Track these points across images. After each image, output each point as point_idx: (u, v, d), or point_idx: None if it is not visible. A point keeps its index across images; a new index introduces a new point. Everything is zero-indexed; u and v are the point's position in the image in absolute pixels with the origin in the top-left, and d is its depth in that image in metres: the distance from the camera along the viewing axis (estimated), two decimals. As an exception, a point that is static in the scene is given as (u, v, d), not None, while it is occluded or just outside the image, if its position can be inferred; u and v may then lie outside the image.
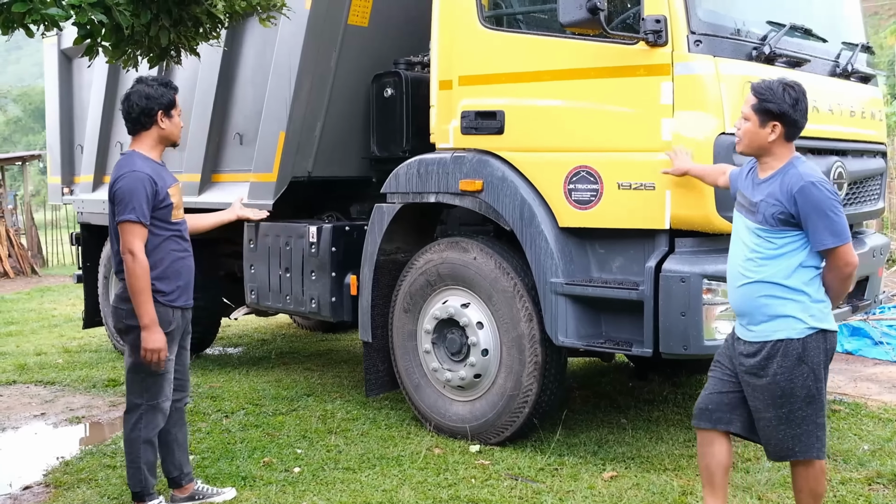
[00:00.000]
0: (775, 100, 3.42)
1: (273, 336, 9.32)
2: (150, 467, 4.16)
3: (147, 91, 4.10)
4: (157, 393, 4.10)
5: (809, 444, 3.45)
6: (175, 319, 4.11)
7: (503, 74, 5.07)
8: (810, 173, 3.40)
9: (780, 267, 3.42)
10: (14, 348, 8.98)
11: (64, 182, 8.87)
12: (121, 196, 3.94)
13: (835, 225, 3.33)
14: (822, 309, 3.44)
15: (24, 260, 16.53)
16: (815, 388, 3.42)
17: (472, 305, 5.27)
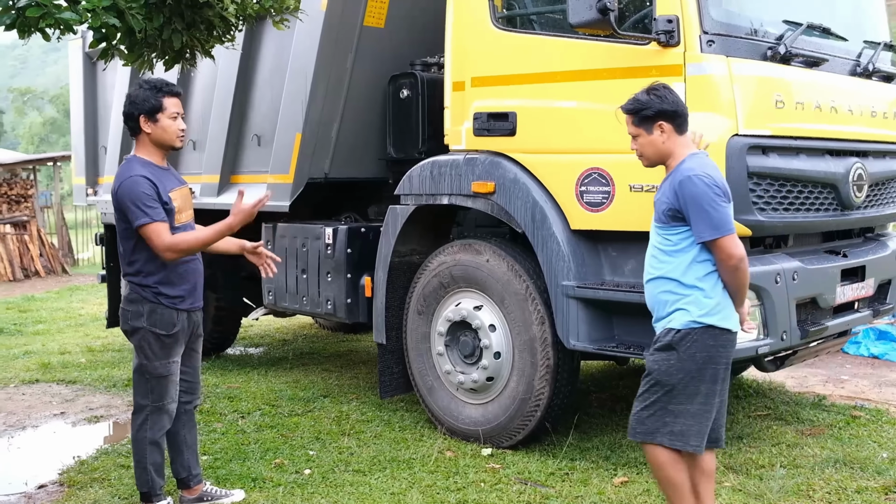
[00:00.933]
0: (644, 104, 3.53)
1: (294, 336, 9.36)
2: (157, 468, 4.17)
3: (133, 95, 4.10)
4: (162, 395, 4.11)
5: (654, 428, 3.49)
6: (180, 321, 4.11)
7: (515, 76, 5.03)
8: (692, 167, 3.43)
9: (676, 263, 3.48)
10: (40, 347, 9.09)
11: (88, 183, 8.96)
12: (126, 204, 3.93)
13: (712, 218, 3.35)
14: (714, 305, 3.44)
15: (55, 259, 16.75)
16: (679, 379, 3.43)
17: (485, 308, 5.24)
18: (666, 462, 3.53)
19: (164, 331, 4.04)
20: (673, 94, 3.56)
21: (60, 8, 4.32)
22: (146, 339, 4.04)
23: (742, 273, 3.43)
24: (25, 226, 16.41)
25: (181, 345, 4.16)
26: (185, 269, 4.13)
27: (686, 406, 3.46)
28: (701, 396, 3.46)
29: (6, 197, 16.67)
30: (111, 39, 4.85)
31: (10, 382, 7.41)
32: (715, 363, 3.46)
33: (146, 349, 4.05)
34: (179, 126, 4.12)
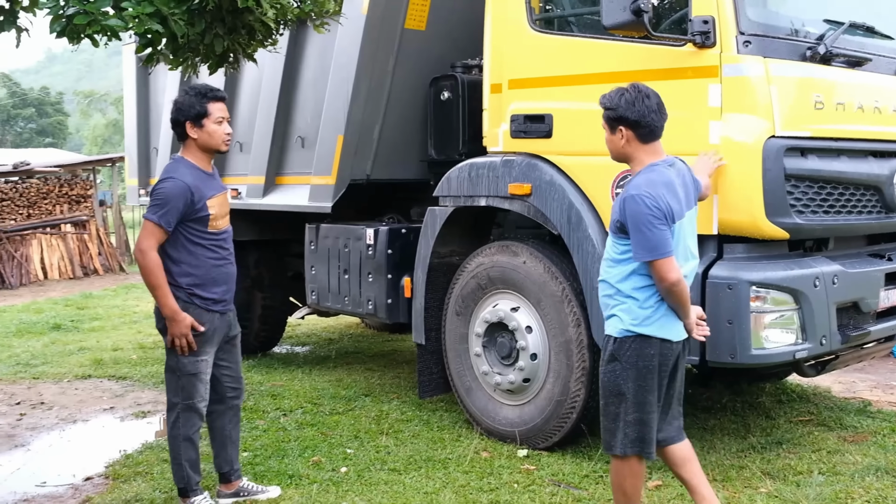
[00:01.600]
0: (612, 105, 3.54)
1: (340, 336, 9.46)
2: (192, 464, 4.27)
3: (179, 102, 4.23)
4: (191, 393, 4.19)
5: (613, 439, 3.57)
6: (212, 322, 4.20)
7: (551, 78, 5.04)
8: (639, 184, 3.44)
9: (618, 271, 3.55)
10: (94, 343, 9.34)
11: (140, 184, 9.17)
12: (158, 197, 4.04)
13: (646, 240, 3.37)
14: (649, 316, 3.48)
15: (113, 258, 17.16)
16: (627, 388, 3.50)
17: (522, 309, 5.25)
18: (628, 474, 3.61)
19: (195, 330, 4.12)
20: (644, 102, 3.51)
21: (107, 15, 4.46)
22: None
23: (676, 294, 3.45)
24: (85, 225, 16.85)
25: (213, 345, 4.25)
26: (219, 272, 4.22)
27: (639, 414, 3.53)
28: (648, 405, 3.53)
29: (67, 197, 17.11)
30: (156, 45, 4.98)
31: (65, 377, 7.63)
32: (654, 372, 3.51)
33: (177, 347, 4.14)
34: (225, 130, 4.22)
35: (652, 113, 3.51)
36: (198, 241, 4.11)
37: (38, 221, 16.34)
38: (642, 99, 3.50)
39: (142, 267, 4.02)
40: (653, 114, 3.52)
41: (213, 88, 4.34)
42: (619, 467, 3.64)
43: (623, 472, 3.63)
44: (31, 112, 55.71)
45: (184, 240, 4.09)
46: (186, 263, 4.09)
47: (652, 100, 3.53)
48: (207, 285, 4.15)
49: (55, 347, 9.17)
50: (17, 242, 15.91)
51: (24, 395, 7.04)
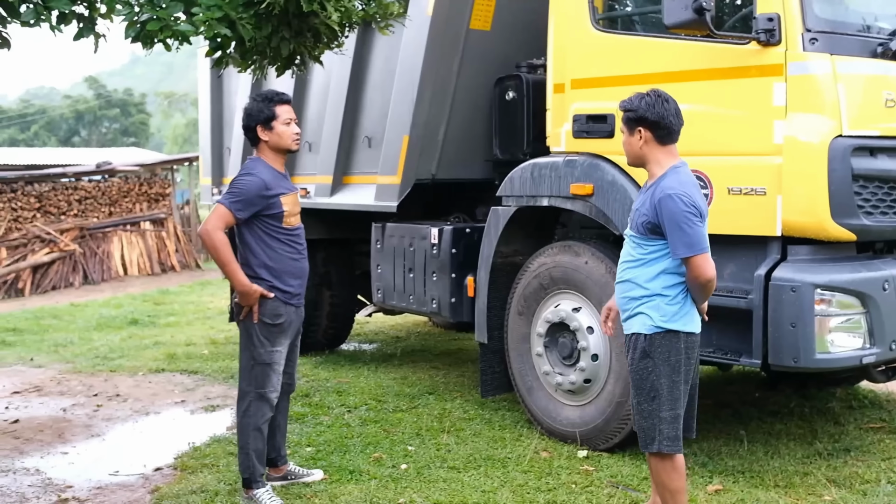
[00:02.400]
0: (633, 107, 3.63)
1: (407, 334, 9.55)
2: (259, 455, 4.40)
3: (248, 108, 4.46)
4: (263, 383, 4.34)
5: (652, 437, 3.60)
6: (287, 314, 4.36)
7: (614, 77, 5.01)
8: (672, 185, 3.50)
9: (644, 271, 3.60)
10: (169, 338, 9.62)
11: (214, 183, 9.39)
12: (235, 187, 4.27)
13: (687, 237, 3.44)
14: (676, 311, 3.56)
15: (190, 255, 17.61)
16: (661, 384, 3.56)
17: (583, 310, 5.24)
18: (671, 471, 3.64)
19: (271, 320, 4.30)
20: (664, 105, 3.58)
21: (178, 21, 4.61)
22: (254, 326, 4.31)
23: (708, 290, 3.57)
24: (163, 223, 17.33)
25: (287, 337, 4.41)
26: (294, 266, 4.39)
27: (675, 411, 3.59)
28: (681, 400, 3.61)
29: (146, 195, 17.63)
30: (225, 48, 5.13)
31: (139, 371, 7.88)
32: (683, 366, 3.59)
33: (253, 336, 4.31)
34: (293, 130, 4.44)
35: (671, 116, 3.59)
36: (274, 236, 4.31)
37: (118, 219, 16.87)
38: (662, 102, 3.59)
39: (209, 246, 4.20)
40: (671, 116, 3.59)
41: (279, 93, 4.53)
42: (661, 465, 3.66)
43: (667, 470, 3.65)
44: (115, 112, 57.47)
45: (261, 233, 4.29)
46: (266, 256, 4.28)
47: (671, 104, 3.61)
48: (284, 278, 4.33)
49: (132, 342, 9.48)
50: (99, 239, 16.46)
51: (102, 387, 7.30)
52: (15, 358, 8.78)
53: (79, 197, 16.84)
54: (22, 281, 15.21)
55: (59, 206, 16.60)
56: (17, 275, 15.22)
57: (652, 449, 3.63)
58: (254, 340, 4.31)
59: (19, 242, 15.67)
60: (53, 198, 16.57)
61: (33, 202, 16.32)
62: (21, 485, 4.93)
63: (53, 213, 16.50)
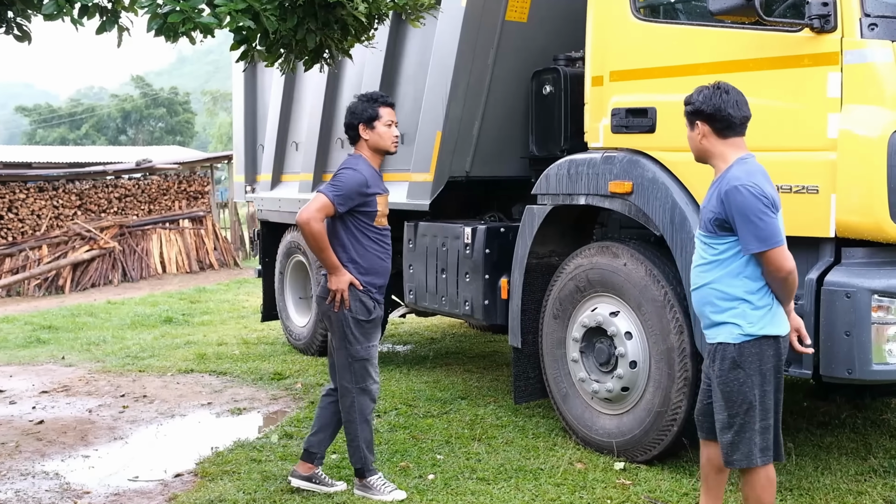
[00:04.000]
0: (690, 101, 3.50)
1: (442, 335, 9.33)
2: (368, 444, 4.50)
3: (352, 107, 4.55)
4: (364, 377, 4.43)
5: (748, 451, 3.40)
6: (376, 310, 4.47)
7: (655, 69, 4.75)
8: (739, 175, 3.33)
9: (720, 273, 3.41)
10: (201, 338, 9.51)
11: (247, 180, 9.27)
12: (339, 180, 4.38)
13: (759, 230, 3.26)
14: (764, 315, 3.37)
15: (228, 253, 17.59)
16: (754, 395, 3.37)
17: (622, 314, 4.98)
18: (766, 485, 3.46)
19: (364, 317, 4.41)
20: (721, 97, 3.41)
21: (200, 13, 4.45)
22: (348, 325, 4.39)
23: (791, 284, 3.38)
24: (202, 220, 17.33)
25: (379, 332, 4.53)
26: (381, 265, 4.51)
27: (767, 421, 3.41)
28: (776, 405, 3.43)
29: (185, 193, 17.65)
30: (250, 41, 4.97)
31: (168, 371, 7.77)
32: (778, 371, 3.41)
33: (348, 335, 4.40)
34: (394, 133, 4.56)
35: (729, 107, 3.40)
36: (365, 233, 4.43)
37: (158, 217, 16.91)
38: (720, 94, 3.43)
39: (308, 233, 4.30)
40: (729, 108, 3.41)
41: (383, 94, 4.66)
42: (754, 480, 3.45)
43: (760, 484, 3.45)
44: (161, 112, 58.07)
45: (354, 229, 4.41)
46: (355, 252, 4.40)
47: (731, 95, 3.43)
48: (372, 274, 4.44)
49: (164, 341, 9.39)
50: (138, 237, 16.50)
51: (129, 388, 7.19)
52: (47, 356, 8.74)
53: (119, 195, 16.91)
54: (62, 278, 15.28)
55: (99, 203, 16.68)
56: (57, 272, 15.30)
57: (748, 464, 3.41)
58: (349, 338, 4.40)
59: (60, 240, 15.75)
60: (94, 195, 16.65)
61: (74, 200, 16.41)
62: (38, 489, 4.81)
63: (94, 210, 16.58)
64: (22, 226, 15.80)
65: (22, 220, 15.80)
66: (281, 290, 8.71)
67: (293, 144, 8.40)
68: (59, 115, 58.40)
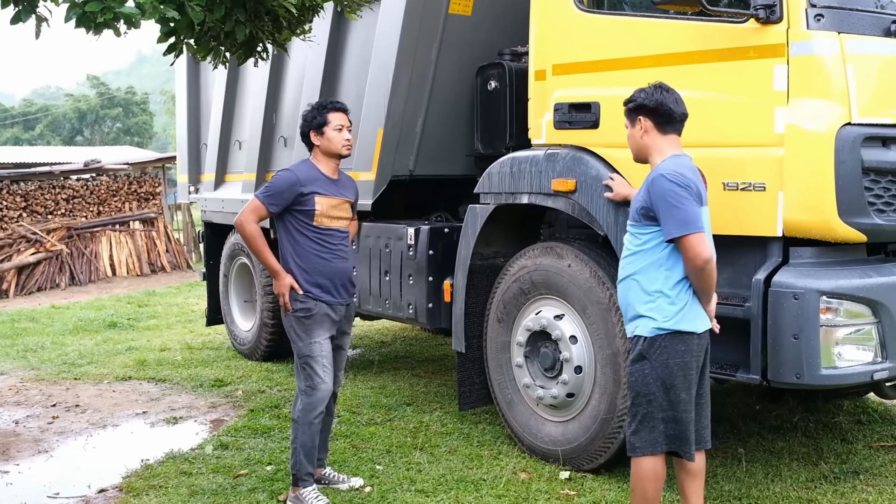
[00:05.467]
0: (632, 99, 3.59)
1: (393, 338, 9.10)
2: (307, 451, 4.37)
3: (304, 114, 4.61)
4: (310, 375, 4.36)
5: (639, 440, 3.47)
6: (318, 308, 4.39)
7: (599, 62, 4.57)
8: (667, 166, 3.41)
9: (643, 263, 3.45)
10: (144, 343, 9.19)
11: (191, 180, 8.97)
12: (270, 182, 4.48)
13: (679, 214, 3.30)
14: (679, 311, 3.40)
15: (180, 255, 17.19)
16: (657, 387, 3.41)
17: (566, 317, 4.80)
18: (655, 477, 3.51)
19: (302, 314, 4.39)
20: (662, 93, 3.52)
21: (120, 2, 4.19)
22: (291, 322, 4.42)
23: (708, 275, 3.37)
24: (153, 222, 16.92)
25: (324, 329, 4.41)
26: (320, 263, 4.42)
27: (671, 412, 3.44)
28: (682, 403, 3.43)
29: (136, 194, 17.21)
30: (179, 33, 4.71)
31: (105, 378, 7.46)
32: (688, 368, 3.43)
33: (291, 331, 4.44)
34: (344, 136, 4.57)
35: (670, 102, 3.52)
36: (303, 232, 4.42)
37: (107, 219, 16.45)
38: (661, 91, 3.54)
39: (244, 235, 4.41)
40: (670, 103, 3.52)
41: (334, 101, 4.71)
42: (640, 470, 3.52)
43: (646, 475, 3.51)
44: (118, 112, 57.14)
45: (293, 230, 4.42)
46: (293, 251, 4.41)
47: (671, 93, 3.54)
48: (310, 273, 4.39)
49: (105, 346, 9.05)
50: (87, 239, 16.04)
51: (62, 397, 6.88)
52: (-21, 364, 8.37)
53: (66, 196, 16.43)
54: (6, 282, 14.79)
55: (45, 205, 16.18)
56: (1, 276, 14.82)
57: (636, 453, 3.50)
58: (292, 336, 4.44)
59: (4, 243, 15.23)
60: (40, 197, 16.15)
61: (19, 201, 15.90)
62: (-53, 509, 4.52)
63: (40, 212, 16.09)
64: (-36, 228, 15.30)
65: (-36, 223, 15.30)
66: (225, 293, 8.43)
67: (236, 143, 8.14)
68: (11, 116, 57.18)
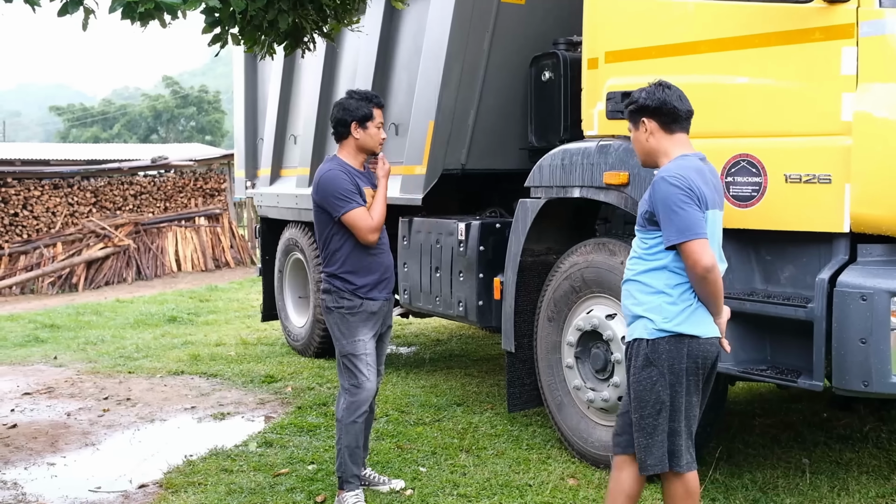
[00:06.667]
0: (633, 100, 3.36)
1: (449, 336, 8.95)
2: (351, 453, 4.22)
3: (345, 103, 4.35)
4: (352, 373, 4.22)
5: (660, 455, 3.19)
6: (366, 306, 4.25)
7: (653, 48, 4.33)
8: (670, 168, 3.19)
9: (646, 266, 3.24)
10: (201, 338, 9.22)
11: (248, 176, 8.95)
12: (327, 195, 4.18)
13: (679, 220, 3.08)
14: (681, 312, 3.15)
15: (245, 251, 17.34)
16: (667, 396, 3.16)
17: (619, 317, 4.57)
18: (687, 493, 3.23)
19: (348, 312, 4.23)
20: (664, 91, 3.30)
21: (162, -7, 4.12)
22: (334, 319, 4.26)
23: (710, 283, 3.12)
24: (218, 218, 17.10)
25: (368, 328, 4.27)
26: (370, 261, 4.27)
27: (675, 424, 3.18)
28: (686, 412, 3.20)
29: (201, 190, 17.43)
30: (223, 24, 4.63)
31: (158, 373, 7.47)
32: (693, 374, 3.18)
33: (335, 330, 4.28)
34: (382, 135, 4.43)
35: (673, 101, 3.29)
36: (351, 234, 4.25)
37: (173, 214, 16.69)
38: (662, 89, 3.32)
39: (380, 227, 4.27)
40: (674, 101, 3.29)
41: (376, 95, 4.50)
42: (675, 488, 3.24)
43: (680, 494, 3.23)
44: (192, 111, 58.27)
45: (337, 228, 4.22)
46: (340, 251, 4.23)
47: (673, 90, 3.32)
48: (359, 273, 4.24)
49: (163, 340, 9.11)
50: (153, 235, 16.30)
51: (114, 390, 6.90)
52: (40, 356, 8.49)
53: (134, 192, 16.73)
54: (76, 276, 15.12)
55: (114, 201, 16.50)
56: (71, 270, 15.14)
57: (661, 468, 3.20)
58: (335, 333, 4.29)
59: (75, 237, 15.59)
60: (109, 193, 16.47)
61: (89, 197, 16.24)
62: (-10, 500, 4.51)
63: (109, 208, 16.41)
64: (37, 223, 15.66)
65: (37, 218, 15.67)
66: (280, 288, 8.39)
67: (291, 137, 8.08)
68: (91, 115, 58.79)
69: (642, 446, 3.22)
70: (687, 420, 3.21)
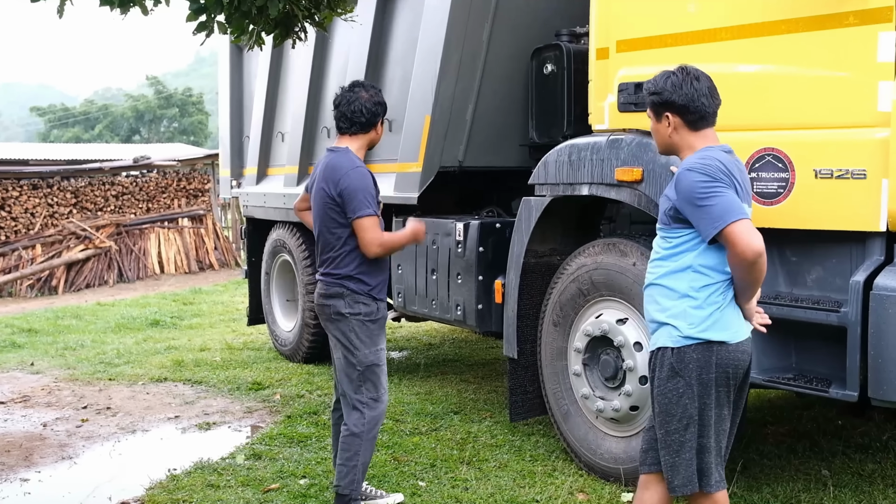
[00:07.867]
0: (657, 89, 3.07)
1: (442, 340, 8.68)
2: (365, 468, 4.03)
3: (379, 98, 4.17)
4: (375, 385, 3.99)
5: (689, 475, 2.94)
6: (381, 310, 4.05)
7: (669, 36, 4.07)
8: (694, 159, 2.92)
9: (669, 268, 2.99)
10: (185, 343, 8.90)
11: (233, 175, 8.66)
12: (356, 191, 3.91)
13: (714, 208, 2.81)
14: (708, 317, 2.91)
15: (229, 253, 17.01)
16: (695, 409, 2.92)
17: (630, 321, 4.32)
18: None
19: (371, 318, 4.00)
20: (693, 85, 2.98)
21: (146, -22, 3.86)
22: (351, 327, 3.95)
23: (758, 269, 2.83)
24: (202, 219, 16.75)
25: (384, 333, 4.10)
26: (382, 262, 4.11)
27: (705, 440, 2.94)
28: (720, 423, 2.96)
29: (185, 191, 17.08)
30: (208, 11, 4.37)
31: (140, 380, 7.16)
32: (723, 384, 2.93)
33: (354, 340, 3.96)
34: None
35: (702, 97, 3.00)
36: None
37: (156, 215, 16.34)
38: (690, 81, 3.01)
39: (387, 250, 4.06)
40: (703, 98, 3.00)
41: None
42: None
43: None
44: (174, 112, 57.75)
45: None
46: (357, 250, 3.97)
47: (702, 83, 3.02)
48: (373, 272, 4.04)
49: (145, 345, 8.79)
50: (135, 236, 15.94)
51: (94, 398, 6.59)
52: (17, 362, 8.15)
53: (115, 192, 16.37)
54: (56, 279, 14.74)
55: (95, 201, 16.14)
56: (51, 272, 14.76)
57: (691, 489, 2.95)
58: (354, 342, 3.95)
59: (54, 239, 15.20)
60: (90, 193, 16.10)
61: (70, 198, 15.86)
62: (-41, 520, 4.21)
63: (90, 209, 16.04)
64: (15, 224, 15.28)
65: (15, 219, 15.28)
66: (267, 291, 8.10)
67: (279, 135, 7.79)
68: (73, 115, 58.17)
69: (668, 465, 2.98)
70: (717, 435, 2.96)
